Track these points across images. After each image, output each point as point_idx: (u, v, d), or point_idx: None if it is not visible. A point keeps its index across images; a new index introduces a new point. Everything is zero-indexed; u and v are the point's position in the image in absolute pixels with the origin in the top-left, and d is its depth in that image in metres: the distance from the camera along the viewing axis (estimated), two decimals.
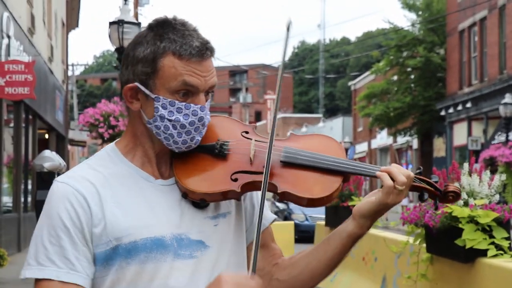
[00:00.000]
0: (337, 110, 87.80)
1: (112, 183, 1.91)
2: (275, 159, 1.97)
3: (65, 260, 1.83)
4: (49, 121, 22.41)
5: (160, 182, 1.95)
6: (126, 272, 1.86)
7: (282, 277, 2.08)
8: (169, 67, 1.88)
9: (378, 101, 37.74)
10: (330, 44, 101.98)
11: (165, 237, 1.88)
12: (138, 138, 1.98)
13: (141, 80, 1.91)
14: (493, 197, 5.20)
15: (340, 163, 1.98)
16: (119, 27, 13.71)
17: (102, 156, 1.99)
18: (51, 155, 8.09)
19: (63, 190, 1.88)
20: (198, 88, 1.90)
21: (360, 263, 8.26)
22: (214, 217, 1.97)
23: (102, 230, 1.85)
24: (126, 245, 1.85)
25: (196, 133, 1.94)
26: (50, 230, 1.85)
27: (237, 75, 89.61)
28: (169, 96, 1.90)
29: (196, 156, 1.99)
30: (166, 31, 1.91)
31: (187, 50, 1.88)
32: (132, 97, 1.94)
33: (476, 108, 30.71)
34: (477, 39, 31.87)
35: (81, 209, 1.85)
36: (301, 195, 1.93)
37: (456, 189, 2.03)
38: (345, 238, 2.01)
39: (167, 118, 1.90)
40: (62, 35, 28.16)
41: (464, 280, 5.16)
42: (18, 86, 14.03)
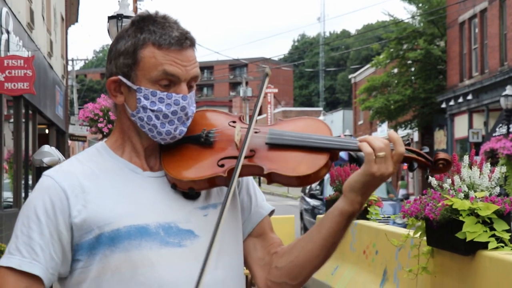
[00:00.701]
0: (337, 103, 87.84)
1: (99, 176, 1.93)
2: (260, 142, 1.98)
3: (30, 250, 1.87)
4: (49, 116, 22.41)
5: (148, 174, 1.97)
6: (111, 261, 1.87)
7: (280, 264, 2.07)
8: (149, 58, 1.90)
9: (378, 94, 37.71)
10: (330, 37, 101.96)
11: (149, 225, 1.89)
12: (125, 133, 2.00)
13: (123, 72, 1.94)
14: (493, 190, 5.18)
15: (324, 139, 1.97)
16: (118, 22, 13.70)
17: (92, 153, 2.01)
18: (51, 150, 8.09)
19: (45, 183, 1.92)
20: (179, 77, 1.92)
21: (361, 256, 8.25)
22: (204, 207, 1.98)
23: (83, 220, 1.87)
24: (109, 233, 1.87)
25: (180, 123, 1.95)
26: (24, 220, 1.91)
27: (237, 69, 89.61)
28: (151, 86, 1.92)
29: (183, 147, 2.00)
30: (146, 23, 1.94)
31: (166, 39, 1.90)
32: (115, 91, 1.97)
33: (477, 100, 30.68)
34: (477, 31, 31.82)
35: (58, 201, 1.88)
36: (288, 174, 1.93)
37: (446, 156, 1.99)
38: (337, 216, 1.97)
39: (149, 108, 1.92)
40: (62, 30, 28.13)
41: (465, 273, 5.15)
42: (18, 82, 14.01)
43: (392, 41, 36.69)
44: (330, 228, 1.98)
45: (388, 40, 37.46)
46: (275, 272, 2.07)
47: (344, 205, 1.96)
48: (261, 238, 2.13)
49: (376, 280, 7.54)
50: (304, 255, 2.03)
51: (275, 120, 2.17)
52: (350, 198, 1.95)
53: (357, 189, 1.94)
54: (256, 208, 2.15)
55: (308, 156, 1.96)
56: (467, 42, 32.83)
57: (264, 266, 2.09)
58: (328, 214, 2.01)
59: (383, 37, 39.91)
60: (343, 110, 61.54)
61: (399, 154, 1.91)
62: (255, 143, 1.97)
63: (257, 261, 2.11)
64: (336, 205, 1.99)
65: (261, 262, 2.10)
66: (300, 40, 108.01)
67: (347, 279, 8.51)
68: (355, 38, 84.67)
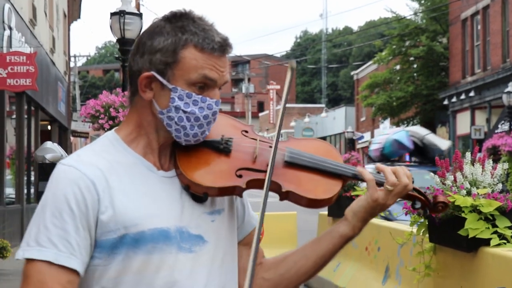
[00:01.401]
0: (339, 100, 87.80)
1: (118, 171, 1.89)
2: (278, 159, 2.00)
3: (66, 243, 1.80)
4: (52, 113, 22.43)
5: (161, 174, 1.95)
6: (133, 262, 1.84)
7: (269, 276, 2.09)
8: (190, 59, 1.88)
9: (380, 90, 37.70)
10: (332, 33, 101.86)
11: (170, 228, 1.88)
12: (143, 128, 1.96)
13: (158, 69, 1.90)
14: (496, 186, 5.18)
15: (340, 166, 2.04)
16: (121, 18, 13.68)
17: (105, 143, 1.96)
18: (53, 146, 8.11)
19: (71, 174, 1.84)
20: (216, 82, 1.91)
21: (363, 253, 8.25)
22: (211, 212, 1.97)
23: (110, 217, 1.83)
24: (134, 235, 1.84)
25: (208, 128, 1.95)
26: (55, 212, 1.82)
27: (239, 65, 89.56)
28: (187, 87, 1.90)
29: (199, 150, 1.99)
30: (185, 23, 1.91)
31: (209, 44, 1.88)
32: (146, 86, 1.92)
33: (479, 97, 30.65)
34: (480, 28, 31.77)
35: (89, 194, 1.83)
36: (305, 195, 1.97)
37: (445, 199, 2.08)
38: (336, 238, 2.04)
39: (182, 109, 1.90)
40: (64, 26, 28.14)
41: (467, 269, 5.15)
42: (20, 78, 14.02)
43: (394, 38, 36.66)
44: (327, 249, 2.05)
45: (391, 36, 37.44)
46: (261, 282, 2.10)
47: (345, 229, 2.04)
48: (247, 246, 2.12)
49: (378, 277, 7.54)
50: (295, 270, 2.07)
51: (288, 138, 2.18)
52: (352, 223, 2.04)
53: (360, 214, 2.02)
54: (248, 218, 2.16)
55: (324, 181, 2.01)
56: (470, 39, 32.79)
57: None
58: (326, 235, 2.06)
59: (385, 33, 39.92)
60: (345, 107, 61.49)
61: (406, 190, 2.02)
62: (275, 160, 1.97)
63: (241, 270, 2.09)
64: (336, 228, 2.05)
65: (245, 272, 2.09)
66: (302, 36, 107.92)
67: (349, 276, 8.51)
68: (357, 34, 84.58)
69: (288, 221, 12.13)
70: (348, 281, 8.42)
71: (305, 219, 19.74)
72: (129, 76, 1.98)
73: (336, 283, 8.72)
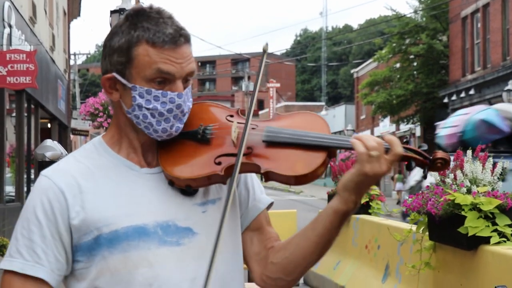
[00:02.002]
0: (339, 98, 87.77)
1: (95, 174, 1.92)
2: (257, 139, 1.95)
3: (32, 253, 1.85)
4: (51, 111, 22.42)
5: (145, 171, 1.95)
6: (110, 262, 1.86)
7: (276, 260, 2.04)
8: (143, 56, 1.87)
9: (380, 88, 37.67)
10: (332, 31, 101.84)
11: (148, 224, 1.88)
12: (122, 129, 1.98)
13: (118, 70, 1.91)
14: (496, 184, 5.19)
15: (321, 137, 1.94)
16: (121, 16, 13.68)
17: (88, 148, 2.00)
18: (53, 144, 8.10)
19: (43, 184, 1.91)
20: (174, 75, 1.89)
21: (363, 251, 8.25)
22: (202, 203, 1.96)
23: (81, 221, 1.87)
24: (107, 235, 1.86)
25: (176, 121, 1.93)
26: (24, 223, 1.89)
27: (239, 63, 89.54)
28: (146, 84, 1.89)
29: (180, 143, 1.97)
30: (140, 19, 1.90)
31: (160, 37, 1.87)
32: (111, 88, 1.94)
33: (479, 95, 30.64)
34: (480, 26, 31.75)
35: (57, 203, 1.87)
36: (284, 173, 1.90)
37: (444, 155, 1.95)
38: (331, 215, 1.94)
39: (144, 107, 1.90)
40: (64, 24, 28.12)
41: (467, 267, 5.15)
42: (20, 76, 14.00)
43: (394, 36, 36.64)
44: (324, 226, 1.96)
45: (391, 34, 37.40)
46: (271, 267, 2.05)
47: (338, 204, 1.93)
48: (258, 232, 2.10)
49: (378, 275, 7.54)
50: (299, 252, 2.01)
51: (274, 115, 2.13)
52: (344, 197, 1.92)
53: (350, 188, 1.90)
54: (254, 202, 2.12)
55: (305, 155, 1.92)
56: (470, 37, 32.77)
57: (260, 260, 2.07)
58: (322, 213, 1.98)
59: (385, 31, 39.87)
60: (345, 105, 61.47)
61: (396, 154, 1.88)
62: (252, 140, 1.94)
63: (254, 256, 2.08)
64: (330, 204, 1.96)
65: (257, 256, 2.08)
66: (302, 34, 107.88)
67: (349, 274, 8.51)
68: (357, 32, 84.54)
69: (288, 219, 12.10)
70: (348, 279, 8.43)
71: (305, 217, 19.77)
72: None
73: (336, 281, 8.72)
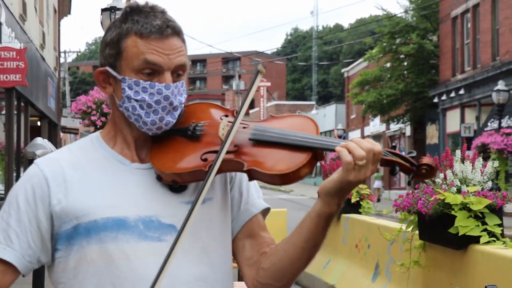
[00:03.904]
0: (330, 97, 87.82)
1: (85, 166, 1.94)
2: (244, 138, 1.95)
3: (6, 236, 1.89)
4: (41, 109, 22.34)
5: (136, 166, 1.97)
6: (87, 252, 1.88)
7: (265, 266, 2.03)
8: (131, 47, 1.91)
9: (371, 88, 37.72)
10: (323, 31, 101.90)
11: (128, 218, 1.89)
12: (117, 124, 2.00)
13: (110, 63, 1.95)
14: (485, 184, 5.20)
15: (307, 138, 1.92)
16: (111, 14, 13.65)
17: (85, 142, 2.03)
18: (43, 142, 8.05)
19: (31, 171, 1.95)
20: (161, 66, 1.91)
21: (353, 250, 8.27)
22: (190, 202, 1.94)
23: (62, 209, 1.89)
24: (86, 224, 1.88)
25: (164, 113, 1.94)
26: (5, 207, 1.93)
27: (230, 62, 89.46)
28: (134, 76, 1.92)
29: (171, 139, 1.99)
30: (132, 13, 1.94)
31: (147, 28, 1.90)
32: (104, 82, 1.98)
33: (469, 95, 30.73)
34: (470, 26, 31.85)
35: (39, 189, 1.91)
36: (266, 171, 1.89)
37: (429, 162, 1.90)
38: (315, 218, 1.92)
39: (133, 98, 1.92)
40: (54, 22, 28.03)
41: (457, 267, 5.17)
42: (10, 73, 13.96)
43: (385, 35, 36.69)
44: (309, 230, 1.94)
45: (381, 34, 37.46)
46: (261, 273, 2.04)
47: (321, 207, 1.91)
48: (251, 237, 2.08)
49: (368, 274, 7.56)
50: (286, 258, 1.99)
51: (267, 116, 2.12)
52: (327, 200, 1.90)
53: (333, 193, 1.89)
54: (246, 206, 2.09)
55: (290, 155, 1.90)
56: (460, 37, 32.87)
57: (252, 265, 2.06)
58: (306, 217, 1.96)
59: (376, 31, 39.90)
60: (335, 104, 61.50)
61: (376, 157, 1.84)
62: (240, 139, 1.94)
63: (245, 261, 2.07)
64: (313, 207, 1.94)
65: (249, 261, 2.06)
66: (293, 33, 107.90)
67: (339, 273, 8.52)
68: (348, 32, 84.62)
69: (278, 218, 12.12)
70: (338, 279, 8.44)
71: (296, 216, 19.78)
72: None
73: (326, 280, 8.74)
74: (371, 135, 51.31)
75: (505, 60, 27.49)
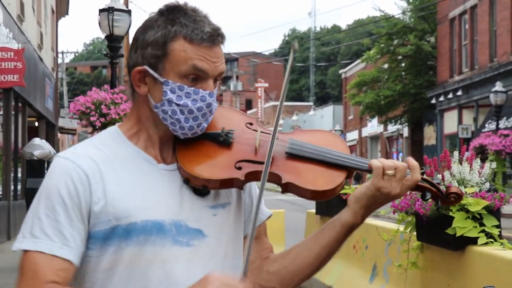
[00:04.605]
0: (328, 98, 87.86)
1: (114, 163, 1.90)
2: (280, 151, 1.97)
3: (59, 234, 1.82)
4: (39, 109, 22.33)
5: (162, 167, 1.94)
6: (124, 253, 1.84)
7: (273, 269, 2.05)
8: (179, 51, 1.87)
9: (368, 89, 37.78)
10: (321, 32, 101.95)
11: (165, 221, 1.87)
12: (143, 123, 1.96)
13: (150, 63, 1.90)
14: (483, 185, 5.20)
15: (343, 157, 1.98)
16: (109, 15, 13.64)
17: (105, 137, 1.97)
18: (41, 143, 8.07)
19: (65, 165, 1.87)
20: (207, 73, 1.90)
21: (351, 251, 8.27)
22: (213, 206, 1.96)
23: (101, 208, 1.84)
24: (126, 226, 1.84)
25: (203, 120, 1.93)
26: (48, 203, 1.84)
27: (227, 63, 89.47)
28: (178, 80, 1.89)
29: (200, 143, 1.98)
30: (177, 15, 1.91)
31: (198, 34, 1.87)
32: (140, 81, 1.93)
33: (467, 96, 30.77)
34: (467, 27, 31.89)
35: (81, 185, 1.84)
36: (305, 186, 1.93)
37: (458, 190, 2.01)
38: (338, 227, 1.99)
39: (175, 102, 1.89)
40: (52, 23, 28.01)
41: (454, 268, 5.17)
42: (8, 74, 13.96)
43: (382, 37, 36.74)
44: (329, 238, 2.00)
45: (379, 35, 37.50)
46: (266, 276, 2.06)
47: (347, 216, 1.98)
48: (256, 241, 2.10)
49: (366, 275, 7.55)
50: (298, 262, 2.02)
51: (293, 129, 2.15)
52: (354, 209, 1.97)
53: (362, 201, 1.96)
54: None
55: (326, 172, 1.96)
56: (457, 38, 32.91)
57: (254, 269, 2.07)
58: (328, 224, 2.01)
59: (373, 32, 39.97)
60: (333, 105, 61.57)
61: (413, 180, 1.95)
62: (275, 151, 1.95)
63: (249, 264, 2.09)
64: (338, 216, 1.99)
65: (252, 265, 2.06)
66: (291, 34, 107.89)
67: (337, 274, 8.52)
68: (346, 33, 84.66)
69: (276, 219, 12.13)
70: (336, 280, 8.44)
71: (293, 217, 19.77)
72: (128, 73, 1.98)
73: (324, 281, 8.73)
74: (369, 136, 51.34)
75: (503, 61, 27.53)
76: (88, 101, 13.78)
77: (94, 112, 13.59)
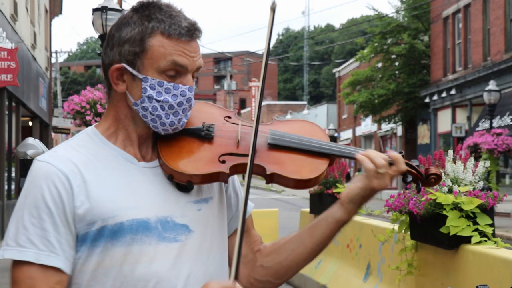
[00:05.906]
0: (321, 97, 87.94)
1: (95, 164, 1.88)
2: (262, 142, 1.99)
3: (46, 242, 1.80)
4: (33, 109, 22.29)
5: (143, 165, 1.94)
6: (112, 254, 1.84)
7: (267, 264, 2.09)
8: (158, 47, 1.87)
9: (362, 88, 37.78)
10: (314, 31, 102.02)
11: (150, 219, 1.87)
12: (121, 121, 1.95)
13: (128, 60, 1.89)
14: (477, 184, 5.22)
15: (326, 145, 2.02)
16: (103, 14, 13.63)
17: (83, 138, 1.95)
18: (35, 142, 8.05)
19: (46, 170, 1.84)
20: (187, 68, 1.90)
21: (345, 250, 8.28)
22: (197, 201, 1.96)
23: (86, 211, 1.82)
24: (112, 226, 1.83)
25: (184, 115, 1.94)
26: (32, 210, 1.82)
27: (221, 62, 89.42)
28: (157, 76, 1.88)
29: (181, 139, 1.98)
30: (152, 11, 1.90)
31: (176, 30, 1.87)
32: (118, 79, 1.92)
33: (460, 95, 30.81)
34: (461, 26, 31.93)
35: (64, 190, 1.82)
36: (290, 176, 1.95)
37: (437, 171, 2.07)
38: (332, 224, 2.04)
39: (155, 98, 1.89)
40: (45, 22, 27.96)
41: (448, 267, 5.18)
42: (1, 73, 13.93)
43: (376, 36, 36.74)
44: (324, 234, 2.05)
45: (373, 34, 37.51)
46: (260, 270, 2.09)
47: (341, 215, 2.03)
48: (246, 235, 2.11)
49: (360, 274, 7.56)
50: (293, 257, 2.07)
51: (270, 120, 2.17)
52: (349, 208, 2.03)
53: (356, 201, 2.01)
54: None
55: (310, 160, 2.00)
56: (451, 37, 32.94)
57: (247, 263, 2.10)
58: (321, 221, 2.05)
59: (367, 31, 39.98)
60: (327, 104, 61.60)
61: (399, 171, 2.01)
62: (257, 143, 1.96)
63: (241, 258, 2.10)
64: (331, 214, 2.04)
65: (245, 259, 2.09)
66: (284, 34, 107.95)
67: (331, 273, 8.53)
68: (339, 32, 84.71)
69: (270, 218, 12.15)
70: (330, 278, 8.45)
71: (287, 216, 19.80)
72: (103, 71, 1.97)
73: (318, 280, 8.74)
74: (363, 135, 51.40)
75: (496, 60, 27.58)
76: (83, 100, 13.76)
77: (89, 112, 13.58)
